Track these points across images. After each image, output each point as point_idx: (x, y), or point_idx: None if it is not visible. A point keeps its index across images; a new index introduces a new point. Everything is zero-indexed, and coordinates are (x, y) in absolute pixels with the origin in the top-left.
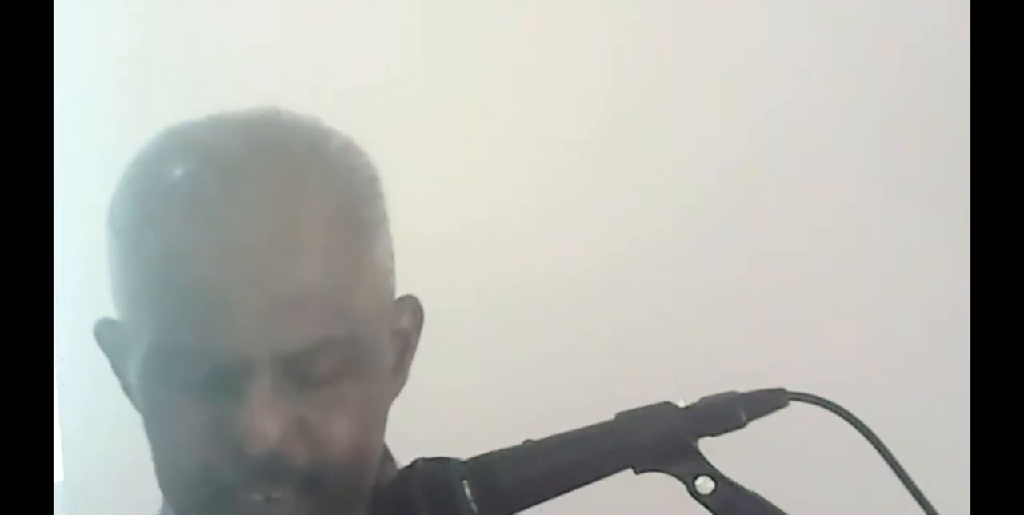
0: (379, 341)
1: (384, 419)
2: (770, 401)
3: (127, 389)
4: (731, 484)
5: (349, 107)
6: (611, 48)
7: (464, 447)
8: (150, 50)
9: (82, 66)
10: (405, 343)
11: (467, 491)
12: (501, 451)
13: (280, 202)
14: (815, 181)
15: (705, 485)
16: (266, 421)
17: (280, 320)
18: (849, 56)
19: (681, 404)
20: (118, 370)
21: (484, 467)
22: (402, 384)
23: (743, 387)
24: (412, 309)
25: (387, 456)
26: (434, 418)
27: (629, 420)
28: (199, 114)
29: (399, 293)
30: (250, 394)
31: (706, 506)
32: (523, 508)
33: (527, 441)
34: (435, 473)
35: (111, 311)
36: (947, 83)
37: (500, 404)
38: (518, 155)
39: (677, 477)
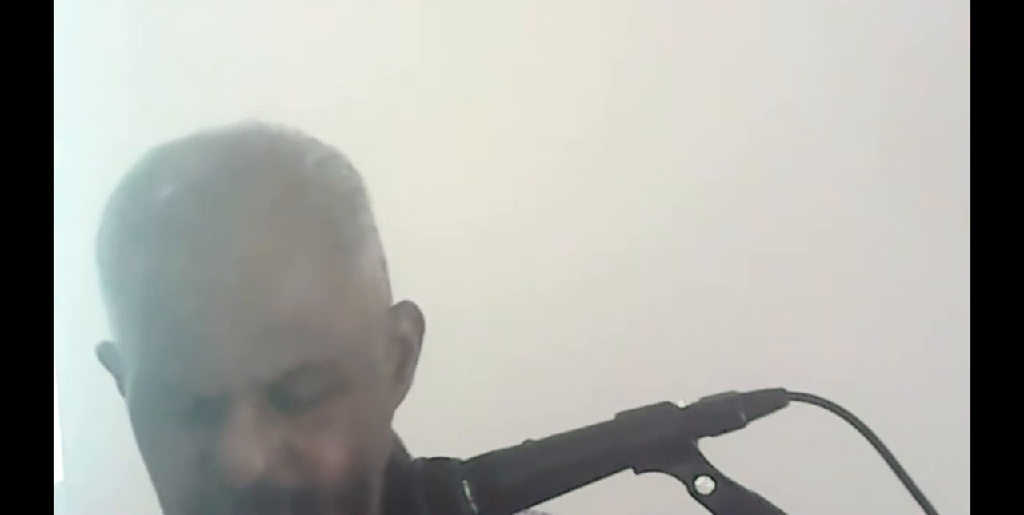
0: (371, 354)
1: (384, 429)
2: (770, 401)
3: None
4: (731, 484)
5: (349, 107)
6: (611, 48)
7: (464, 447)
8: (150, 50)
9: (82, 66)
10: (405, 350)
11: (467, 491)
12: (501, 451)
13: (254, 229)
14: (815, 181)
15: (705, 485)
16: (248, 452)
17: (256, 349)
18: (849, 56)
19: (681, 404)
20: (123, 390)
21: (484, 467)
22: (405, 391)
23: (743, 387)
24: (410, 315)
25: (401, 452)
26: (434, 418)
27: (629, 420)
28: (198, 114)
29: (398, 297)
30: (231, 425)
31: (706, 506)
32: (523, 508)
33: (527, 441)
34: (435, 473)
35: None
36: (947, 83)
37: (500, 404)
38: (518, 155)
39: (677, 477)
